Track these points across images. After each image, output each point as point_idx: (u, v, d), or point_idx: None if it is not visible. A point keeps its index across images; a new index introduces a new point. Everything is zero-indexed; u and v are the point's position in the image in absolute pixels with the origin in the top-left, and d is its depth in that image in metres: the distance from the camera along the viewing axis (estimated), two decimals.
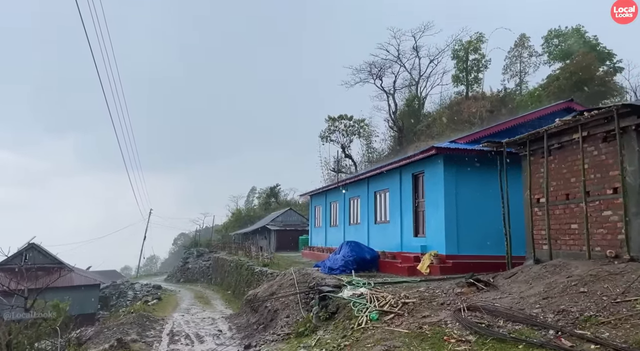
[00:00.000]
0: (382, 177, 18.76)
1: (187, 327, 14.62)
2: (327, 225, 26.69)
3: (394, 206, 17.68)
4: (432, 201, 14.89)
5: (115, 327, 13.29)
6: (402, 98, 51.30)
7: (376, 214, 19.76)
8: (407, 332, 8.17)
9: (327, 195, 26.75)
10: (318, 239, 28.13)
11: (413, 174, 16.28)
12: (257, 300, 14.12)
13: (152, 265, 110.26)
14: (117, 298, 38.30)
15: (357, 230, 21.73)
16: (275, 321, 12.26)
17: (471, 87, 47.49)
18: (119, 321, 14.30)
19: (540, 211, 10.64)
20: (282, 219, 45.62)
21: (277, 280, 14.98)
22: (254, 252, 29.22)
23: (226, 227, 74.47)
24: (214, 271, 39.82)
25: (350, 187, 22.68)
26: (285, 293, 13.23)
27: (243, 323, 13.70)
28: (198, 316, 18.25)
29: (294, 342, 10.24)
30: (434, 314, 8.86)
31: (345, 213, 23.42)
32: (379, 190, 19.43)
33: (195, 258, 46.85)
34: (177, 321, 16.24)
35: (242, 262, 27.80)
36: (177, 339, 12.27)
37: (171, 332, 13.40)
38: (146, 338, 12.26)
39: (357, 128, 43.39)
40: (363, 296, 10.47)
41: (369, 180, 20.33)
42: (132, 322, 13.98)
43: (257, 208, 76.59)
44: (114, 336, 11.99)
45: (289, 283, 13.80)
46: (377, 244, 18.11)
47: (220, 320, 16.09)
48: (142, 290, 33.63)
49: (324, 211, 27.38)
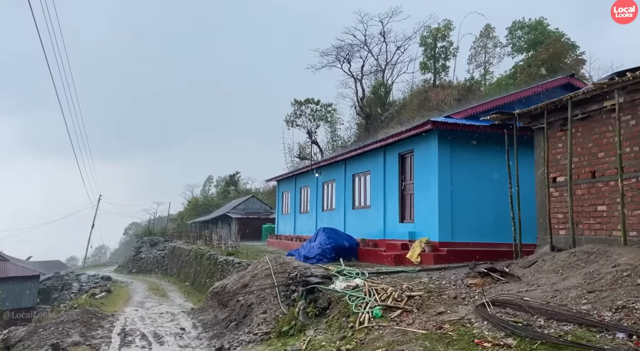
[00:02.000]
0: (363, 158, 17.25)
1: (142, 325, 12.57)
2: (297, 212, 25.01)
3: (376, 190, 16.22)
4: (422, 183, 13.51)
5: (54, 326, 11.08)
6: (368, 85, 50.14)
7: (354, 199, 18.27)
8: (424, 333, 6.66)
9: (297, 180, 25.03)
10: (286, 227, 26.41)
11: (400, 154, 14.84)
12: (227, 293, 12.28)
13: (101, 255, 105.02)
14: (60, 290, 35.03)
15: (332, 216, 20.19)
16: (250, 317, 10.51)
17: (439, 75, 46.90)
18: (58, 319, 12.07)
19: (557, 192, 9.41)
20: (244, 207, 43.50)
21: (249, 270, 13.18)
22: (215, 241, 27.11)
23: (182, 215, 71.37)
24: (169, 261, 37.27)
25: (325, 170, 21.07)
26: (260, 285, 11.47)
27: (210, 320, 11.85)
28: (155, 311, 16.14)
29: (277, 344, 8.54)
30: (450, 310, 7.42)
31: (319, 198, 21.81)
32: (358, 173, 17.92)
33: (149, 248, 43.92)
34: (130, 317, 14.10)
35: (202, 251, 25.67)
36: (131, 340, 10.28)
37: (123, 331, 11.35)
38: (92, 339, 10.18)
39: (324, 113, 41.77)
40: (359, 289, 8.90)
41: (347, 162, 18.78)
42: (75, 320, 11.79)
43: (215, 197, 73.81)
44: (51, 339, 9.85)
45: (264, 274, 12.05)
46: (355, 231, 16.63)
47: (182, 315, 14.10)
48: (89, 282, 30.74)
49: (292, 197, 25.67)
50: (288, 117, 41.40)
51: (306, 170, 23.03)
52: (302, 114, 41.06)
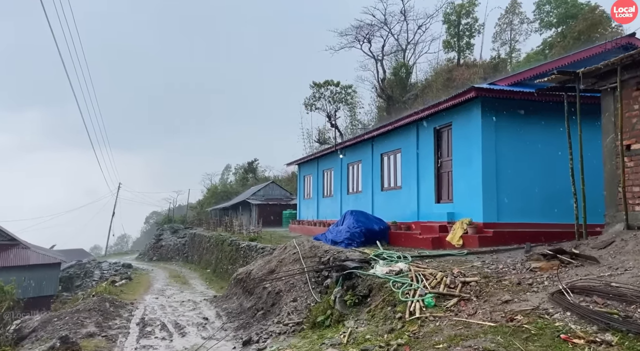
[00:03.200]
0: (392, 135, 16.06)
1: (162, 313, 11.77)
2: (319, 196, 23.99)
3: (408, 169, 15.05)
4: (462, 159, 12.29)
5: (69, 316, 10.35)
6: (388, 67, 48.49)
7: (383, 180, 17.12)
8: (492, 326, 5.58)
9: (320, 163, 23.96)
10: (308, 212, 25.43)
11: (435, 128, 13.61)
12: (252, 280, 11.37)
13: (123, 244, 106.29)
14: (82, 278, 34.91)
15: (358, 199, 19.11)
16: (279, 306, 9.56)
17: (463, 53, 44.98)
18: (74, 308, 11.36)
19: (631, 161, 8.12)
20: (263, 193, 42.70)
21: (275, 255, 12.23)
22: (236, 227, 26.33)
23: (202, 203, 71.12)
24: (190, 248, 36.81)
25: (350, 150, 19.94)
26: (288, 271, 10.50)
27: (235, 309, 10.97)
28: (175, 299, 15.38)
29: (312, 336, 7.55)
30: (518, 298, 6.31)
31: (343, 181, 20.73)
32: (387, 152, 16.75)
33: (170, 235, 43.60)
34: (150, 305, 13.36)
35: (223, 238, 24.93)
36: (150, 331, 9.46)
37: (142, 321, 10.55)
38: (108, 329, 9.40)
39: (344, 95, 40.42)
40: (404, 274, 7.82)
41: (374, 141, 17.61)
42: (92, 309, 11.05)
43: (234, 185, 73.35)
44: (64, 329, 9.10)
45: (292, 259, 11.08)
46: (385, 214, 15.51)
47: (204, 303, 13.29)
48: (110, 269, 30.41)
49: (315, 181, 24.63)
50: (307, 100, 40.21)
51: (329, 151, 21.93)
52: (322, 97, 39.78)
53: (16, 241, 30.92)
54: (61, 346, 6.33)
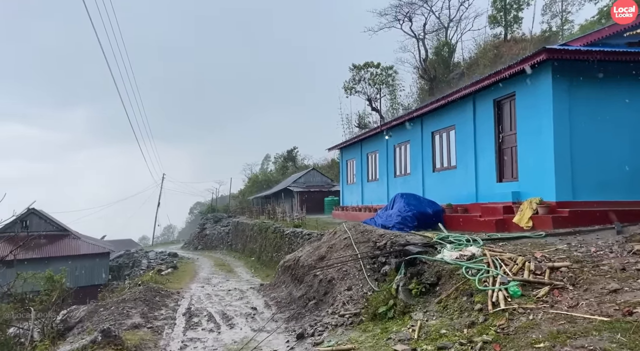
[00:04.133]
0: (444, 112, 14.86)
1: (209, 303, 11.28)
2: (364, 181, 23.04)
3: (464, 147, 13.86)
4: (529, 132, 11.02)
5: (114, 306, 10.03)
6: (430, 46, 46.48)
7: (434, 160, 15.98)
8: (606, 321, 4.56)
9: (363, 146, 22.96)
10: (352, 197, 24.55)
11: (496, 100, 12.35)
12: (301, 267, 10.66)
13: (170, 234, 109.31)
14: (131, 267, 35.75)
15: (407, 182, 18.04)
16: (332, 295, 8.79)
17: (510, 28, 42.38)
18: (120, 298, 11.08)
19: None
20: (304, 180, 42.15)
21: (324, 240, 11.47)
22: (279, 214, 25.84)
23: (243, 192, 71.82)
24: (233, 237, 36.84)
25: (396, 131, 18.84)
26: (340, 257, 9.70)
27: (284, 298, 10.32)
28: (222, 288, 14.97)
29: (374, 329, 6.71)
30: (629, 287, 5.24)
31: (390, 163, 19.68)
32: (438, 130, 15.57)
33: (213, 224, 43.94)
34: (196, 294, 12.95)
35: (267, 225, 24.49)
36: (197, 322, 8.94)
37: (188, 311, 10.07)
38: (154, 320, 8.95)
39: (385, 76, 38.98)
40: (477, 259, 6.84)
41: (423, 119, 16.45)
42: (137, 298, 10.71)
43: (274, 173, 73.53)
44: (109, 320, 8.74)
45: (343, 244, 10.28)
46: (437, 196, 14.41)
47: (251, 292, 12.75)
48: (156, 258, 30.79)
49: (358, 165, 23.67)
50: (346, 83, 39.10)
51: (374, 133, 20.89)
52: (362, 79, 38.56)
53: (67, 231, 31.82)
54: (103, 340, 5.85)
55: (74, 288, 16.58)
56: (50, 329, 8.94)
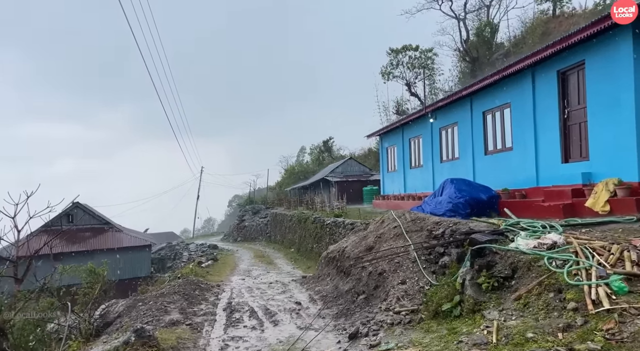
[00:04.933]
0: (497, 88, 13.63)
1: (250, 297, 10.68)
2: (406, 168, 21.97)
3: (522, 125, 12.63)
4: (603, 105, 9.73)
5: (153, 300, 9.60)
6: (470, 27, 44.34)
7: (486, 142, 14.77)
8: None
9: (405, 131, 21.86)
10: (393, 186, 23.53)
11: (560, 71, 11.06)
12: (347, 258, 9.87)
13: (210, 226, 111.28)
14: (173, 260, 36.13)
15: (455, 167, 16.90)
16: (383, 289, 7.96)
17: (559, 2, 39.71)
18: (159, 292, 10.67)
19: None
20: (341, 170, 41.28)
21: (371, 230, 10.62)
22: (318, 204, 25.14)
23: (280, 184, 71.83)
24: (272, 228, 36.53)
25: (441, 113, 17.67)
26: (391, 247, 8.83)
27: (329, 292, 9.58)
28: (263, 280, 14.41)
29: (440, 330, 5.83)
30: None
31: (435, 148, 18.54)
32: (491, 109, 14.34)
33: (252, 216, 43.86)
34: (236, 288, 12.42)
35: (306, 215, 23.85)
36: (238, 318, 8.31)
37: (229, 306, 9.48)
38: (193, 316, 8.39)
39: (424, 59, 37.37)
40: (561, 248, 5.82)
41: (473, 98, 15.23)
42: (176, 292, 10.25)
43: (310, 164, 73.13)
44: (147, 316, 8.27)
45: (393, 234, 9.40)
46: (490, 181, 13.27)
47: (294, 285, 12.08)
48: (197, 251, 30.84)
49: (400, 151, 22.60)
50: (383, 68, 37.76)
51: (417, 116, 19.75)
52: (399, 64, 37.13)
53: (110, 224, 32.36)
54: (136, 340, 5.30)
55: (115, 281, 16.43)
56: (87, 325, 8.58)
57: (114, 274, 26.17)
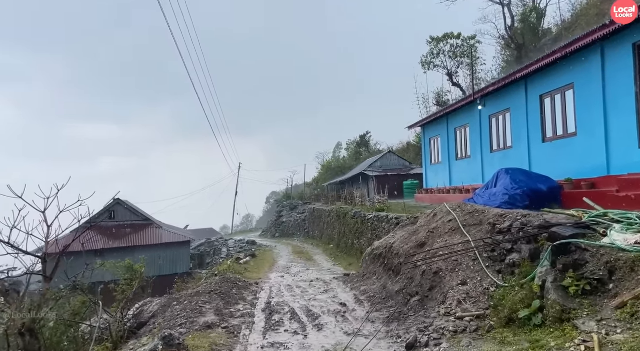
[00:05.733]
0: (557, 69, 12.34)
1: (290, 297, 9.98)
2: (451, 159, 20.75)
3: (588, 108, 11.32)
4: None
5: (188, 300, 9.05)
6: (515, 14, 42.05)
7: (544, 128, 13.47)
8: None
9: (450, 120, 20.63)
10: (438, 179, 22.33)
11: (636, 44, 9.73)
12: (395, 256, 8.99)
13: (248, 223, 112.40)
14: (212, 255, 36.19)
15: (507, 157, 15.62)
16: (440, 290, 7.05)
17: None
18: (195, 290, 10.14)
19: None
20: (380, 164, 40.17)
21: (421, 224, 9.68)
22: (357, 198, 24.26)
23: (317, 180, 71.35)
24: (310, 223, 35.94)
25: (492, 99, 16.40)
26: (447, 243, 7.89)
27: (377, 292, 8.74)
28: (303, 278, 13.71)
29: (520, 342, 4.88)
30: None
31: (484, 137, 17.28)
32: (550, 92, 13.03)
33: (289, 212, 43.47)
34: (275, 286, 11.77)
35: (345, 210, 23.04)
36: (279, 320, 7.60)
37: (268, 307, 8.80)
38: (230, 318, 7.71)
39: (467, 47, 35.63)
40: None
41: (528, 80, 13.94)
42: (213, 291, 9.67)
43: (347, 160, 72.25)
44: (180, 317, 7.70)
45: (447, 228, 8.44)
46: (549, 171, 12.05)
47: (336, 284, 11.30)
48: (235, 247, 30.63)
49: (444, 142, 21.38)
50: (424, 58, 36.32)
51: (464, 103, 18.51)
52: (440, 53, 35.58)
53: (150, 221, 32.63)
54: (164, 349, 4.68)
55: (153, 278, 16.18)
56: (119, 326, 8.12)
57: (153, 270, 26.33)
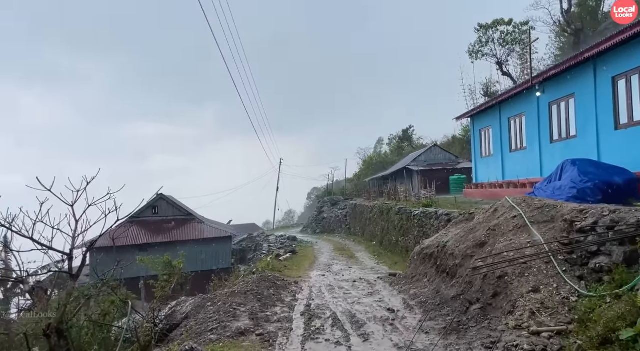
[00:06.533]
0: (634, 47, 10.84)
1: (332, 298, 9.17)
2: (504, 151, 19.31)
3: None
4: None
5: (222, 300, 8.42)
6: None
7: (617, 114, 11.99)
8: None
9: (503, 109, 19.18)
10: (489, 172, 20.90)
11: None
12: (450, 256, 8.00)
13: (290, 219, 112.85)
14: (254, 251, 36.02)
15: (570, 147, 14.15)
16: (506, 298, 6.04)
17: None
18: (231, 290, 9.51)
19: None
20: (425, 158, 38.65)
21: (478, 221, 8.61)
22: (401, 194, 23.16)
23: (358, 175, 70.31)
24: (351, 219, 35.05)
25: (552, 84, 14.93)
26: (511, 244, 6.84)
27: (429, 296, 7.78)
28: (345, 277, 12.88)
29: None
30: None
31: (543, 126, 15.82)
32: (624, 73, 11.55)
33: (330, 207, 42.72)
34: (316, 286, 11.01)
35: (389, 206, 21.99)
36: (319, 327, 6.78)
37: (308, 310, 8.02)
38: (265, 324, 6.96)
39: (519, 34, 33.51)
40: None
41: (598, 61, 12.45)
42: (249, 291, 8.99)
43: (389, 155, 70.74)
44: (212, 320, 7.04)
45: (512, 225, 7.37)
46: (623, 162, 10.61)
47: (382, 285, 10.39)
48: (276, 242, 30.21)
49: (497, 133, 19.93)
50: (471, 47, 34.50)
51: (519, 90, 17.05)
52: (490, 40, 33.66)
53: (192, 216, 32.78)
54: None
55: (192, 274, 15.83)
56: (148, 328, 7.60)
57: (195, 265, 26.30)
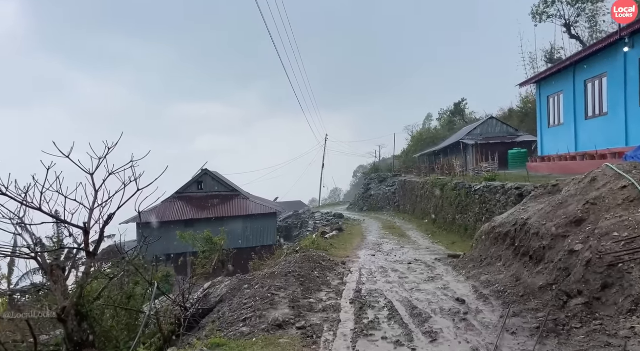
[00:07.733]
0: None
1: (386, 283, 7.94)
2: (578, 119, 17.07)
3: None
4: None
5: (260, 283, 7.41)
6: None
7: None
8: None
9: (577, 72, 16.85)
10: (557, 144, 18.69)
11: None
12: (533, 236, 6.52)
13: (336, 196, 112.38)
14: (299, 228, 35.41)
15: None
16: (621, 290, 4.60)
17: None
18: (270, 271, 8.50)
19: None
20: (480, 132, 36.11)
21: (569, 193, 7.00)
22: (457, 168, 21.36)
23: (406, 152, 68.00)
24: (400, 197, 33.49)
25: None
26: (622, 220, 5.28)
27: (507, 285, 6.37)
28: (398, 258, 11.60)
29: None
30: None
31: (631, 87, 13.56)
32: None
33: (378, 184, 41.24)
34: (366, 267, 9.81)
35: (444, 181, 20.32)
36: (373, 321, 5.55)
37: (358, 297, 6.82)
38: (308, 313, 5.82)
39: None
40: None
41: None
42: (290, 273, 7.91)
43: (439, 129, 67.77)
44: (247, 308, 6.02)
45: (621, 198, 5.79)
46: None
47: (442, 268, 9.04)
48: (322, 219, 29.33)
49: (569, 98, 17.64)
50: (535, 8, 31.32)
51: (601, 46, 14.73)
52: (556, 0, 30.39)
53: (237, 192, 32.39)
54: None
55: (234, 251, 15.06)
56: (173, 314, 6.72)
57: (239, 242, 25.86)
